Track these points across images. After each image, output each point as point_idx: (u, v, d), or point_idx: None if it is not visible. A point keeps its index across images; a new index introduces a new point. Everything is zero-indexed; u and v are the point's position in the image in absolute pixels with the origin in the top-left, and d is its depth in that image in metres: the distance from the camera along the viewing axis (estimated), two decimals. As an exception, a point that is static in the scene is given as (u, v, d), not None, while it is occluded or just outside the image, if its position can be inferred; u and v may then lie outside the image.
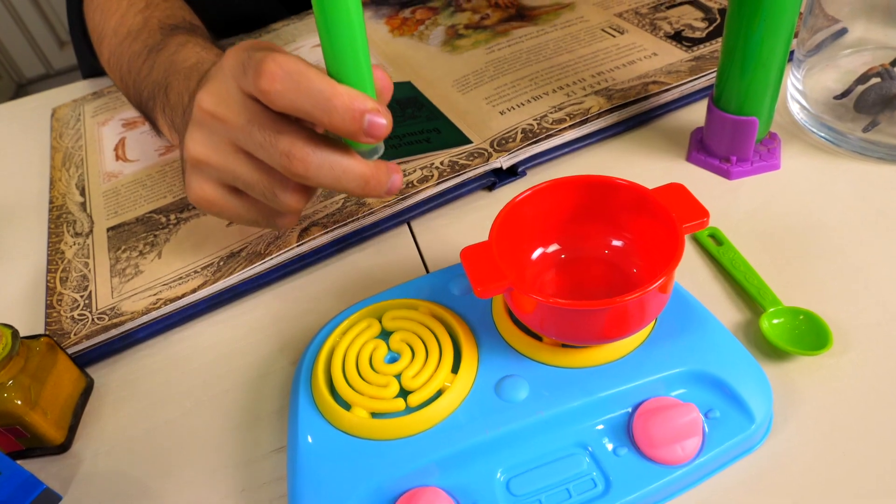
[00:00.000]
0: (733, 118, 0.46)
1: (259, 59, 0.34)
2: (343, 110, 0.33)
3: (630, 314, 0.31)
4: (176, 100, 0.44)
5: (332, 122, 0.34)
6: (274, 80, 0.33)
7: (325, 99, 0.33)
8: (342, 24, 0.33)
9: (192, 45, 0.48)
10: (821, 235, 0.43)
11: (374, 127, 0.35)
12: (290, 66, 0.33)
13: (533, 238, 0.37)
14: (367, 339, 0.37)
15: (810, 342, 0.36)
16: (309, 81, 0.33)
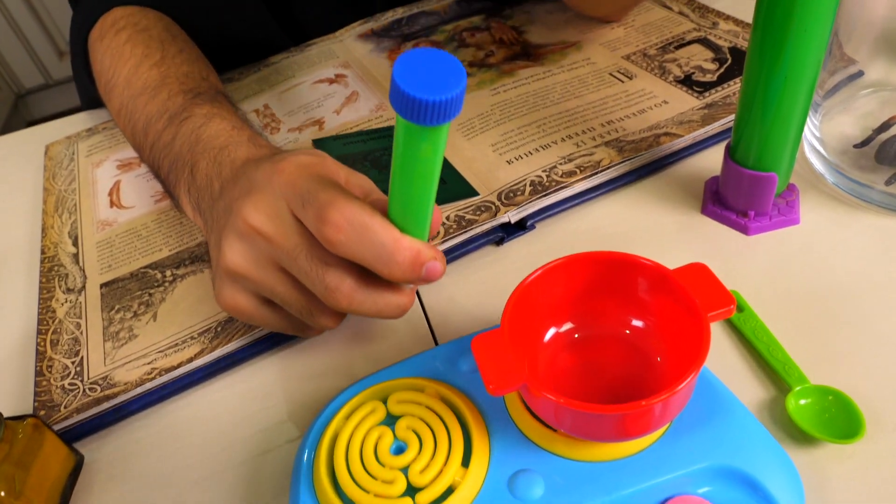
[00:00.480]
0: (751, 173, 0.44)
1: (323, 204, 0.34)
2: (405, 265, 0.34)
3: (653, 415, 0.29)
4: (203, 182, 0.43)
5: (392, 273, 0.34)
6: (339, 231, 0.33)
7: (389, 254, 0.34)
8: (423, 182, 0.33)
9: (219, 119, 0.46)
10: (847, 300, 0.41)
11: (431, 274, 0.36)
12: (355, 218, 0.33)
13: (545, 318, 0.35)
14: (372, 425, 0.35)
15: (841, 427, 0.35)
16: (374, 235, 0.33)
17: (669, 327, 0.34)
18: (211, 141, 0.44)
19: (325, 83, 0.64)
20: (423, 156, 0.32)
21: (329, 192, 0.34)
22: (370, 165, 0.52)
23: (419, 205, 0.34)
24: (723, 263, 0.44)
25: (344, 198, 0.34)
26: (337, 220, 0.33)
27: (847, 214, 0.46)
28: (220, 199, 0.40)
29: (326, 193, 0.34)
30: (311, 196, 0.34)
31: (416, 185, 0.33)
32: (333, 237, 0.33)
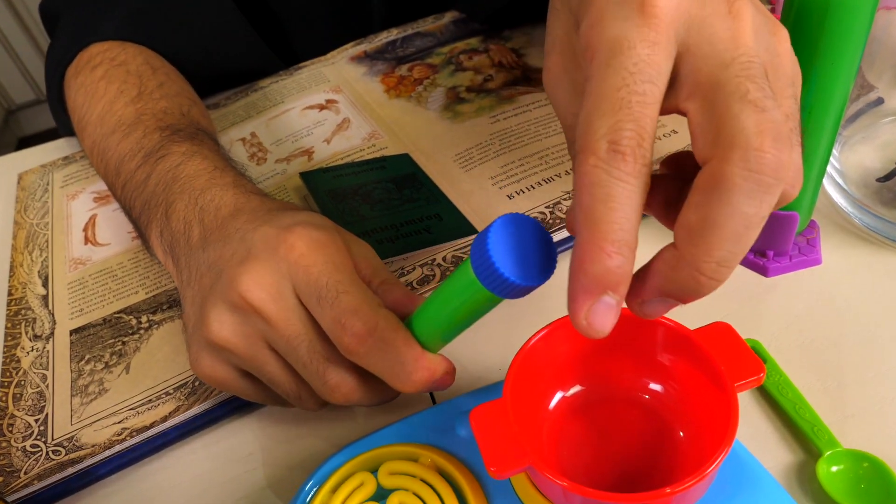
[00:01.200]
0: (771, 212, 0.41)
1: (346, 309, 0.31)
2: (419, 383, 0.33)
3: (674, 502, 0.26)
4: (179, 226, 0.39)
5: (402, 388, 0.33)
6: (361, 343, 0.31)
7: (407, 373, 0.32)
8: (469, 318, 0.31)
9: (199, 158, 0.43)
10: (876, 350, 0.38)
11: (438, 387, 0.34)
12: (379, 333, 0.31)
13: (551, 381, 0.32)
14: (361, 500, 0.31)
15: (879, 498, 0.31)
16: (396, 352, 0.32)
17: (691, 395, 0.30)
18: (190, 181, 0.40)
19: (316, 109, 0.60)
20: (482, 307, 0.30)
21: (352, 295, 0.32)
22: (361, 200, 0.49)
23: (454, 331, 0.33)
24: (741, 307, 0.41)
25: (369, 305, 0.32)
26: (360, 332, 0.31)
27: (873, 254, 0.43)
28: (204, 253, 0.36)
29: (350, 297, 0.32)
30: (330, 294, 0.32)
31: (461, 320, 0.31)
32: (353, 347, 0.32)
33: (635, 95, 0.23)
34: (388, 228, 0.46)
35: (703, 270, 0.23)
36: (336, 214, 0.48)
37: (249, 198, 0.39)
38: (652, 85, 0.23)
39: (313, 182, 0.51)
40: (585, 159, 0.23)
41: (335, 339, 0.32)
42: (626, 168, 0.22)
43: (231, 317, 0.33)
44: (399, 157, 0.53)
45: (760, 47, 0.24)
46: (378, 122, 0.58)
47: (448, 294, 0.31)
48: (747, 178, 0.22)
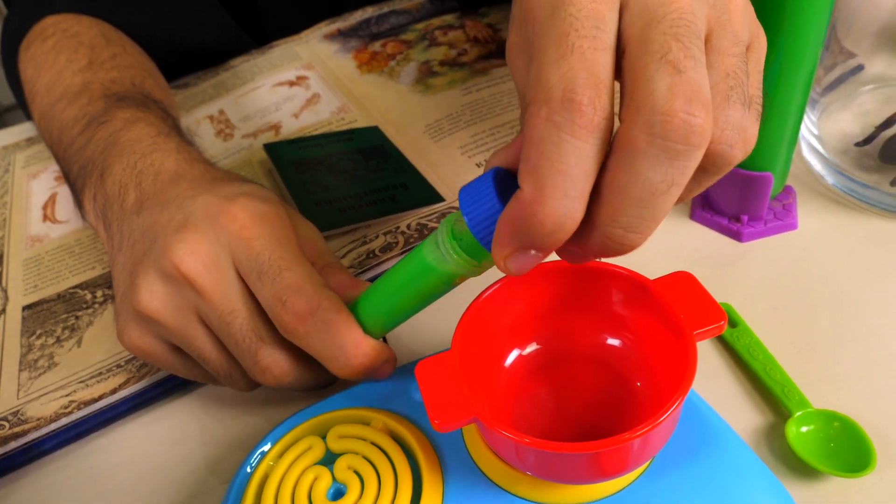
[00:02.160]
0: (744, 174, 0.40)
1: (288, 286, 0.30)
2: (357, 368, 0.31)
3: (631, 452, 0.25)
4: (114, 189, 0.37)
5: (339, 372, 0.32)
6: (301, 322, 0.30)
7: (346, 357, 0.31)
8: (423, 301, 0.30)
9: (143, 124, 0.41)
10: (852, 314, 0.36)
11: (375, 376, 0.33)
12: (322, 314, 0.30)
13: (506, 338, 0.31)
14: (308, 464, 0.30)
15: (848, 459, 0.30)
16: (337, 334, 0.30)
17: (650, 347, 0.29)
18: (131, 145, 0.38)
19: (286, 86, 0.59)
20: (433, 289, 0.29)
21: (296, 272, 0.30)
22: (326, 171, 0.48)
23: (400, 317, 0.32)
24: (713, 273, 0.40)
25: (312, 284, 0.30)
26: (301, 311, 0.30)
27: (850, 219, 0.42)
28: (138, 218, 0.34)
29: (293, 275, 0.30)
30: (272, 270, 0.30)
31: (410, 304, 0.30)
32: (292, 327, 0.30)
33: (585, 40, 0.21)
34: (351, 197, 0.45)
35: (609, 235, 0.22)
36: (298, 184, 0.46)
37: (192, 165, 0.37)
38: (600, 30, 0.21)
39: (277, 153, 0.50)
40: (537, 112, 0.21)
41: (274, 318, 0.30)
42: (582, 121, 0.20)
43: (162, 287, 0.31)
44: (367, 130, 0.52)
45: (703, 3, 0.22)
46: (348, 97, 0.57)
47: (399, 276, 0.30)
48: (651, 143, 0.20)
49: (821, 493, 0.29)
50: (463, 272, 0.28)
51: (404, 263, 0.30)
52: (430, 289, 0.29)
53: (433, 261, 0.28)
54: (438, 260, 0.28)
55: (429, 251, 0.28)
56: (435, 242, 0.28)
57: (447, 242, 0.27)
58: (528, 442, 0.24)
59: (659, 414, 0.24)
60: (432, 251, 0.28)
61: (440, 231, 0.28)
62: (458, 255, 0.27)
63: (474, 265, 0.27)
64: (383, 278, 0.31)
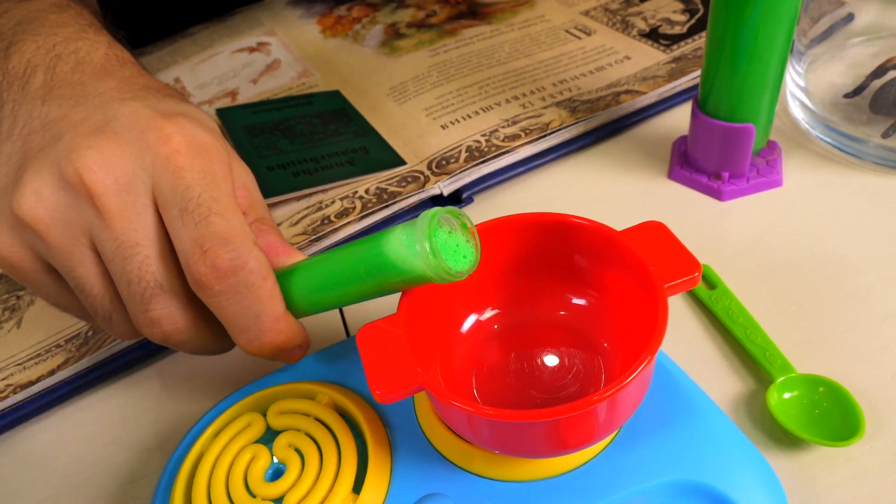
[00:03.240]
0: (724, 125, 0.37)
1: (214, 234, 0.25)
2: (269, 346, 0.27)
3: (595, 421, 0.22)
4: (18, 68, 0.30)
5: (246, 346, 0.27)
6: (220, 279, 0.25)
7: (259, 330, 0.27)
8: (364, 295, 0.26)
9: (74, 13, 0.34)
10: (839, 274, 0.34)
11: (285, 359, 0.29)
12: (245, 275, 0.26)
13: (463, 302, 0.28)
14: (245, 443, 0.27)
15: (835, 426, 0.27)
16: (256, 303, 0.26)
17: (619, 305, 0.26)
18: (53, 28, 0.32)
19: (246, 52, 0.56)
20: (406, 282, 0.25)
21: (226, 220, 0.26)
22: (281, 135, 0.45)
23: (338, 304, 0.28)
24: (692, 234, 0.37)
25: (242, 238, 0.26)
26: (223, 266, 0.25)
27: (837, 174, 0.39)
28: (43, 106, 0.29)
29: (223, 222, 0.26)
30: (199, 210, 0.26)
31: (353, 293, 0.26)
32: (207, 281, 0.25)
33: None
34: (307, 161, 0.42)
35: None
36: (250, 148, 0.43)
37: (125, 65, 0.31)
38: None
39: (230, 118, 0.47)
40: None
41: (187, 266, 0.26)
42: None
43: (55, 194, 0.26)
44: (328, 94, 0.49)
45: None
46: (310, 62, 0.54)
47: (348, 263, 0.26)
48: None
49: (805, 464, 0.27)
50: (437, 277, 0.24)
51: (357, 251, 0.26)
52: (383, 285, 0.25)
53: (397, 258, 0.24)
54: (405, 258, 0.24)
55: (393, 246, 0.24)
56: (405, 237, 0.24)
57: (429, 240, 0.23)
58: (477, 410, 0.22)
59: (625, 375, 0.21)
60: (399, 247, 0.24)
61: (420, 226, 0.23)
62: (438, 259, 0.23)
63: (455, 273, 0.24)
64: (327, 257, 0.27)
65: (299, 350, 0.29)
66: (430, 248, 0.23)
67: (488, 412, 0.21)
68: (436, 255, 0.23)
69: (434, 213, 0.24)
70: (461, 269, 0.24)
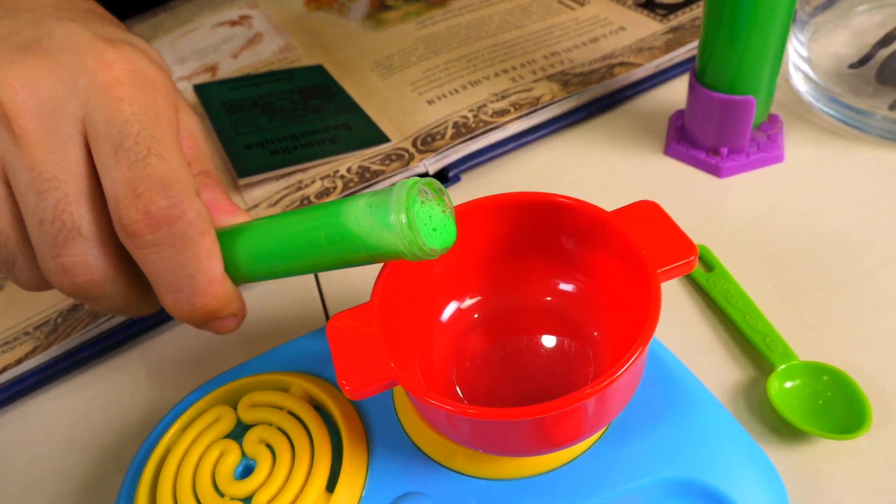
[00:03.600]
0: (723, 98, 0.35)
1: (152, 177, 0.22)
2: (199, 311, 0.25)
3: (583, 417, 0.21)
4: None
5: (175, 309, 0.24)
6: (153, 228, 0.22)
7: (191, 292, 0.24)
8: (316, 265, 0.24)
9: None
10: (844, 253, 0.32)
11: (215, 328, 0.26)
12: (182, 228, 0.23)
13: (441, 289, 0.26)
14: (214, 439, 0.26)
15: (839, 418, 0.26)
16: (193, 258, 0.23)
17: (609, 291, 0.25)
18: None
19: (227, 26, 0.54)
20: (372, 257, 0.23)
21: (168, 163, 0.23)
22: (260, 111, 0.43)
23: (286, 273, 0.25)
24: (689, 213, 0.35)
25: (183, 186, 0.23)
26: (158, 214, 0.22)
27: (841, 149, 0.37)
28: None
29: (164, 165, 0.23)
30: (138, 149, 0.23)
31: (313, 266, 0.24)
32: (138, 229, 0.22)
33: None
34: (286, 139, 0.40)
35: None
36: (228, 126, 0.42)
37: None
38: None
39: (207, 94, 0.45)
40: None
41: (117, 209, 0.23)
42: None
43: None
44: (310, 69, 0.47)
45: None
46: (293, 35, 0.51)
47: (303, 232, 0.23)
48: None
49: (807, 458, 0.26)
50: (410, 254, 0.22)
51: (317, 217, 0.23)
52: (344, 258, 0.23)
53: (363, 229, 0.22)
54: (372, 230, 0.22)
55: (357, 215, 0.22)
56: (375, 207, 0.22)
57: (406, 212, 0.21)
58: (455, 408, 0.20)
59: (615, 368, 0.20)
60: (365, 217, 0.22)
61: (397, 195, 0.21)
62: (414, 233, 0.21)
63: (429, 250, 0.22)
64: (280, 221, 0.24)
65: (233, 320, 0.26)
66: (408, 221, 0.21)
67: (467, 410, 0.20)
68: (412, 228, 0.21)
69: (413, 182, 0.22)
70: (435, 247, 0.22)
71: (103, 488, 0.30)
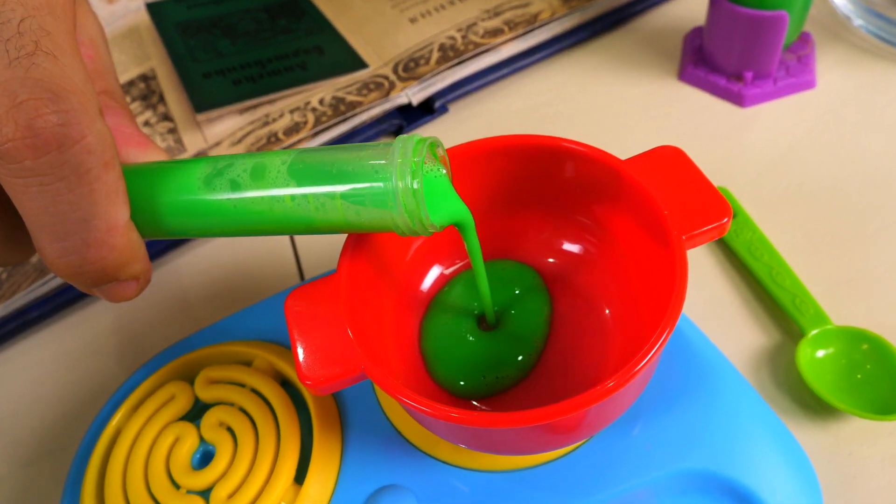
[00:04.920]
0: (751, 13, 0.30)
1: (38, 79, 0.17)
2: (92, 267, 0.19)
3: (585, 421, 0.17)
4: None
5: (58, 261, 0.18)
6: (37, 151, 0.17)
7: (84, 240, 0.18)
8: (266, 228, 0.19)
9: None
10: (884, 195, 0.28)
11: (110, 294, 0.20)
12: (78, 152, 0.17)
13: (421, 252, 0.23)
14: (169, 420, 0.23)
15: (880, 393, 0.23)
16: (88, 197, 0.18)
17: (622, 256, 0.21)
18: None
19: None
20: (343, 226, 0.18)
21: (60, 66, 0.17)
22: (221, 34, 0.38)
23: (209, 232, 0.20)
24: (707, 148, 0.31)
25: (82, 99, 0.17)
26: (45, 132, 0.17)
27: (881, 72, 0.33)
28: None
29: (55, 66, 0.17)
30: (22, 44, 0.17)
31: (249, 227, 0.19)
32: (14, 149, 0.17)
33: None
34: (250, 66, 0.35)
35: None
36: (184, 51, 0.37)
37: None
38: None
39: (161, 14, 0.40)
40: None
41: None
42: None
43: None
44: (279, -19, 0.41)
45: None
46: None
47: (264, 196, 0.18)
48: None
49: (840, 438, 0.23)
50: (406, 227, 0.18)
51: (258, 173, 0.18)
52: (302, 224, 0.18)
53: (340, 191, 0.17)
54: (358, 193, 0.17)
55: (338, 171, 0.17)
56: (369, 165, 0.17)
57: (413, 175, 0.17)
58: (434, 411, 0.17)
59: (626, 368, 0.16)
60: (353, 173, 0.17)
61: (401, 152, 0.17)
62: (419, 203, 0.17)
63: (429, 225, 0.18)
64: (206, 163, 0.19)
65: (133, 284, 0.20)
66: (413, 188, 0.17)
67: (449, 414, 0.16)
68: (417, 197, 0.17)
69: (420, 140, 0.18)
70: (437, 222, 0.18)
71: (52, 464, 0.27)
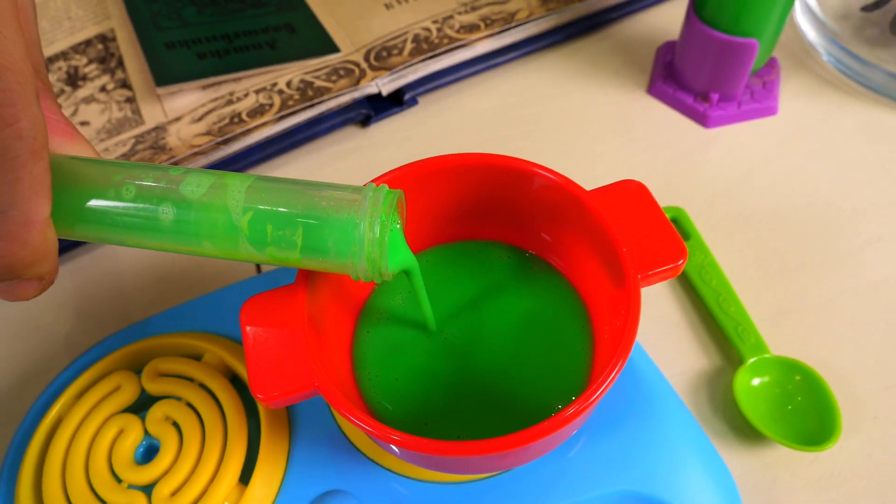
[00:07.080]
0: (723, 38, 0.31)
1: None
2: (4, 259, 0.17)
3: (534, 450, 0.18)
4: None
5: None
6: None
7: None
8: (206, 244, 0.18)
9: None
10: (831, 228, 0.29)
11: (16, 291, 0.18)
12: (10, 139, 0.16)
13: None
14: (113, 411, 0.22)
15: (807, 424, 0.24)
16: (11, 189, 0.16)
17: (579, 281, 0.21)
18: None
19: None
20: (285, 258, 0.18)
21: (8, 42, 0.16)
22: (188, 2, 0.36)
23: (130, 241, 0.18)
24: (669, 165, 0.32)
25: (19, 78, 0.16)
26: None
27: (840, 105, 0.34)
28: None
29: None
30: None
31: (176, 245, 0.18)
32: None
33: None
34: (216, 39, 0.34)
35: None
36: (147, 17, 0.35)
37: None
38: None
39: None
40: None
41: None
42: None
43: None
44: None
45: None
46: None
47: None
48: None
49: (766, 463, 0.24)
50: (364, 274, 0.18)
51: (210, 204, 0.17)
52: (241, 255, 0.18)
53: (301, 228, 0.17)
54: (320, 233, 0.17)
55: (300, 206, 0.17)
56: (338, 209, 0.17)
57: (383, 225, 0.17)
58: (380, 434, 0.17)
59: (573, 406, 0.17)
60: (318, 213, 0.17)
61: (371, 200, 0.17)
62: (382, 252, 0.17)
63: (388, 273, 0.18)
64: (146, 171, 0.18)
65: (35, 284, 0.19)
66: (379, 237, 0.17)
67: (390, 437, 0.17)
68: (381, 246, 0.17)
69: (390, 192, 0.18)
70: (389, 272, 0.18)
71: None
